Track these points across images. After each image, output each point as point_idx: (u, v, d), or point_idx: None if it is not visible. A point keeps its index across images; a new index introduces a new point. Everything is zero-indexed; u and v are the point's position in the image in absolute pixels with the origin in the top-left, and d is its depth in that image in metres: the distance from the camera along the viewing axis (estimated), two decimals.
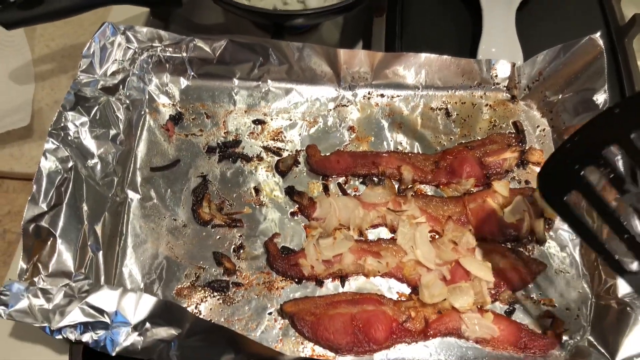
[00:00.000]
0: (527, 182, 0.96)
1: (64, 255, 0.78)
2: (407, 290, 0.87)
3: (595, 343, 0.80)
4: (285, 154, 0.98)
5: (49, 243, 0.78)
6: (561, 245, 0.90)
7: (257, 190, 0.95)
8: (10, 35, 1.17)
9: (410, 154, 0.98)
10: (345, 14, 1.14)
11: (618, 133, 0.65)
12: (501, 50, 1.09)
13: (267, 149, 0.99)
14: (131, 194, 0.92)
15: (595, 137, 0.68)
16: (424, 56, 1.01)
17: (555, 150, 0.74)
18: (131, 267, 0.86)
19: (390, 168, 0.96)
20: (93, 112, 0.91)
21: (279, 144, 1.00)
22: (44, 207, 0.80)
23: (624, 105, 0.66)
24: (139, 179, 0.94)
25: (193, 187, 0.94)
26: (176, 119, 1.00)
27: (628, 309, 0.78)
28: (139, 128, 0.98)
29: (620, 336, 0.77)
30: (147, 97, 1.01)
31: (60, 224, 0.80)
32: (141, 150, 0.97)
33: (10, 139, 1.06)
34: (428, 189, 0.96)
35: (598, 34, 0.94)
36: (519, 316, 0.85)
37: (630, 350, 0.76)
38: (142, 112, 1.00)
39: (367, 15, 1.22)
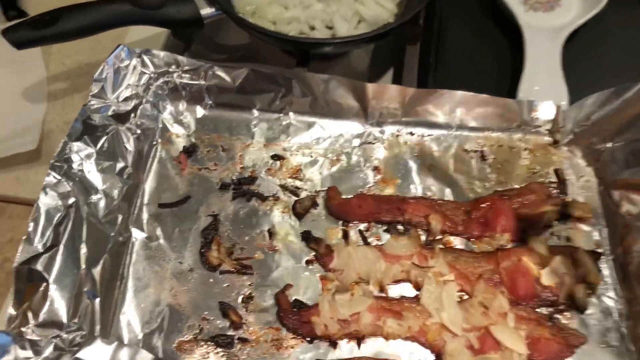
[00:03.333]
0: (568, 239, 0.87)
1: (57, 303, 0.72)
2: (430, 357, 0.78)
3: None
4: (303, 194, 0.91)
5: (41, 289, 0.72)
6: (605, 314, 0.80)
7: (271, 233, 0.87)
8: (27, 51, 1.12)
9: (439, 201, 0.90)
10: (375, 43, 1.07)
11: None
12: (545, 89, 1.00)
13: (284, 187, 0.92)
14: (135, 233, 0.86)
15: None
16: (460, 94, 0.93)
17: None
18: (130, 315, 0.79)
19: (417, 216, 0.88)
20: (100, 142, 0.85)
21: (298, 183, 0.92)
22: (39, 248, 0.74)
23: None
24: (145, 216, 0.87)
25: (203, 227, 0.87)
26: (190, 151, 0.94)
27: None
28: (150, 160, 0.92)
29: None
30: (160, 125, 0.95)
31: (56, 268, 0.74)
32: (150, 184, 0.90)
33: (16, 162, 1.01)
34: (457, 241, 0.88)
35: None
36: None
37: None
38: (154, 143, 0.94)
39: (399, 43, 1.15)
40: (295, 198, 0.91)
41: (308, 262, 0.85)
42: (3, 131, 1.02)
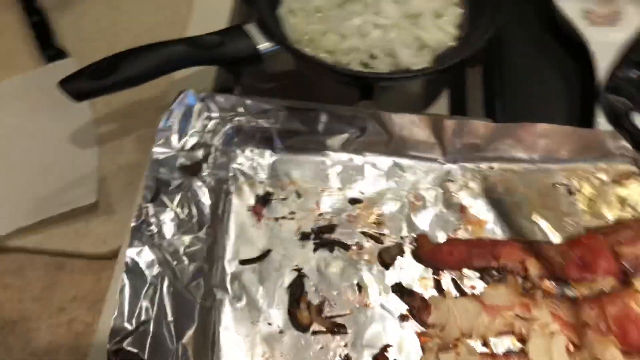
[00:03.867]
0: None
1: None
2: None
3: None
4: (386, 240, 0.86)
5: None
6: None
7: (360, 286, 0.83)
8: None
9: (533, 243, 0.85)
10: (446, 73, 1.03)
11: None
12: None
13: (366, 234, 0.87)
14: (220, 294, 0.80)
15: None
16: (543, 126, 0.89)
17: None
18: None
19: (512, 261, 0.83)
20: (176, 200, 0.80)
21: (380, 229, 0.87)
22: (129, 326, 0.68)
23: None
24: (227, 275, 0.82)
25: (287, 283, 0.82)
26: (265, 200, 0.88)
27: None
28: (225, 213, 0.86)
29: None
30: (231, 174, 0.89)
31: (148, 346, 0.69)
32: (228, 239, 0.85)
33: (74, 214, 0.95)
34: (553, 286, 0.83)
35: None
36: None
37: None
38: (228, 194, 0.88)
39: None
40: (379, 245, 0.86)
41: (402, 317, 0.80)
42: (58, 183, 0.97)
